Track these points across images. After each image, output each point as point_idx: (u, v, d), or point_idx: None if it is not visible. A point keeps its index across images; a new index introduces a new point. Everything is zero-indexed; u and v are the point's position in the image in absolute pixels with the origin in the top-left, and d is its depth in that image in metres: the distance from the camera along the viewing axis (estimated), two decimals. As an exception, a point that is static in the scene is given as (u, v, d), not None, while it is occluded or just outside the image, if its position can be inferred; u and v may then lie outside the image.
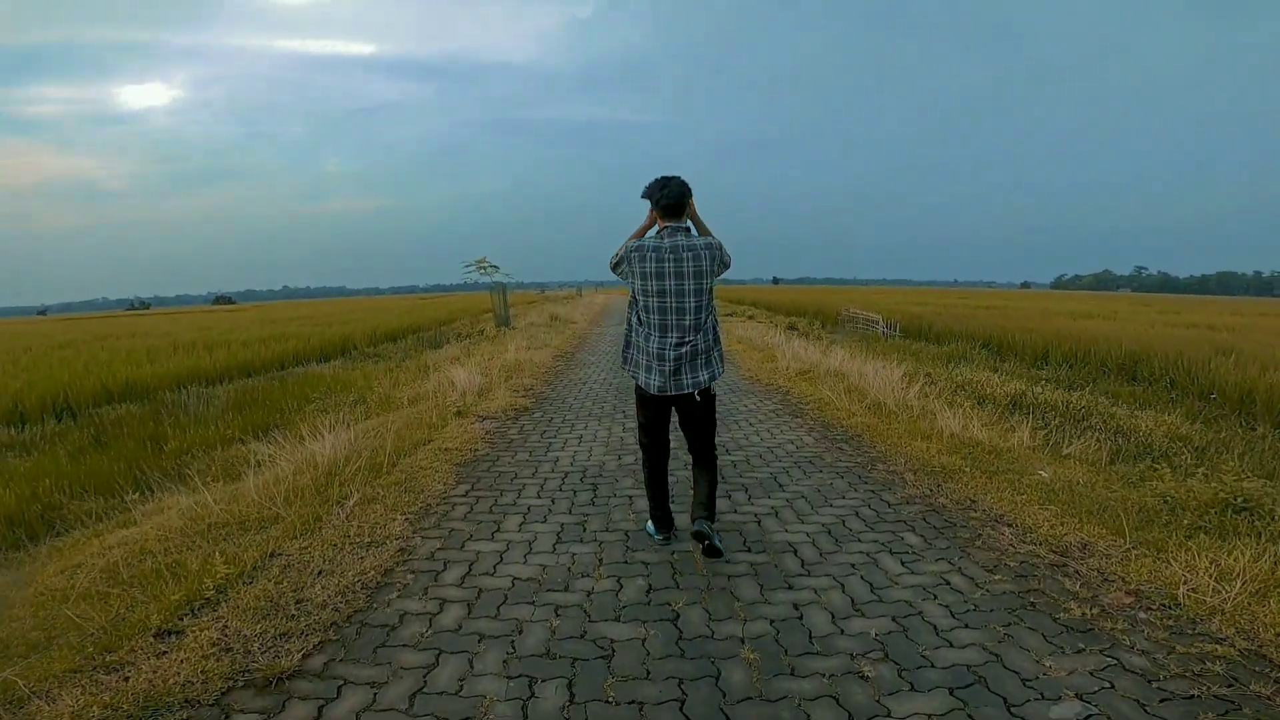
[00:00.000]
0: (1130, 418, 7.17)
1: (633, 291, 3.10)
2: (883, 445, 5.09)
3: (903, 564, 3.11)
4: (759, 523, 3.60)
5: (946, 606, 2.70)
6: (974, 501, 3.90)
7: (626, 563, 3.13)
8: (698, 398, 2.99)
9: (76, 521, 4.94)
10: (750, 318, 24.44)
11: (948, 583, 2.91)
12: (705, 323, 2.98)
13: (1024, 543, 3.30)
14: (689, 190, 2.99)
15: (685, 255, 2.90)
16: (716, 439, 3.26)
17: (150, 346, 15.03)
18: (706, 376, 2.97)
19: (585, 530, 3.50)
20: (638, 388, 3.13)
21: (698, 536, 2.99)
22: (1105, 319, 21.26)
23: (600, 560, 3.15)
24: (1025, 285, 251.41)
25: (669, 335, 2.94)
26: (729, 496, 3.98)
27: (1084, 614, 2.60)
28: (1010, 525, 3.52)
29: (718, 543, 2.99)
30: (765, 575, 3.00)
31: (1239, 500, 3.96)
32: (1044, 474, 4.54)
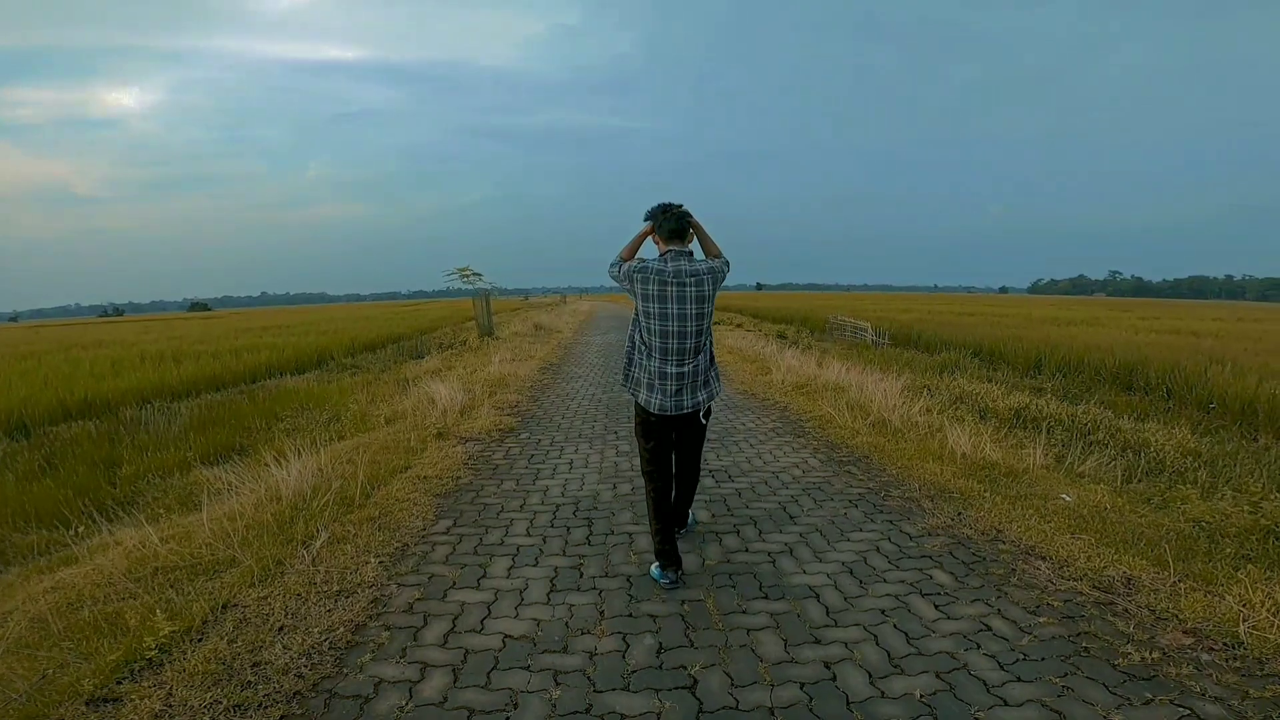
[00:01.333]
0: (1137, 432, 6.96)
1: (635, 311, 3.08)
2: (893, 468, 4.79)
3: (936, 607, 2.82)
4: (774, 563, 3.27)
5: (993, 657, 2.45)
6: (1000, 531, 3.64)
7: (632, 615, 2.77)
8: (703, 419, 3.10)
9: (18, 557, 4.47)
10: (738, 326, 24.24)
11: (989, 628, 2.64)
12: (704, 345, 3.01)
13: (1063, 578, 3.06)
14: (687, 218, 3.01)
15: (689, 280, 2.90)
16: (718, 463, 3.75)
17: (116, 358, 14.37)
18: (705, 396, 3.03)
19: (582, 575, 3.14)
20: (639, 408, 3.09)
21: (676, 520, 3.29)
22: (1089, 325, 21.34)
23: (602, 613, 2.79)
24: (1004, 290, 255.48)
25: (670, 357, 2.95)
26: (738, 532, 3.64)
27: (1144, 658, 2.40)
28: (1044, 559, 3.27)
29: (692, 523, 3.54)
30: (788, 627, 2.67)
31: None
32: (1067, 498, 4.30)
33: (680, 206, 3.01)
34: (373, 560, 3.27)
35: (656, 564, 3.07)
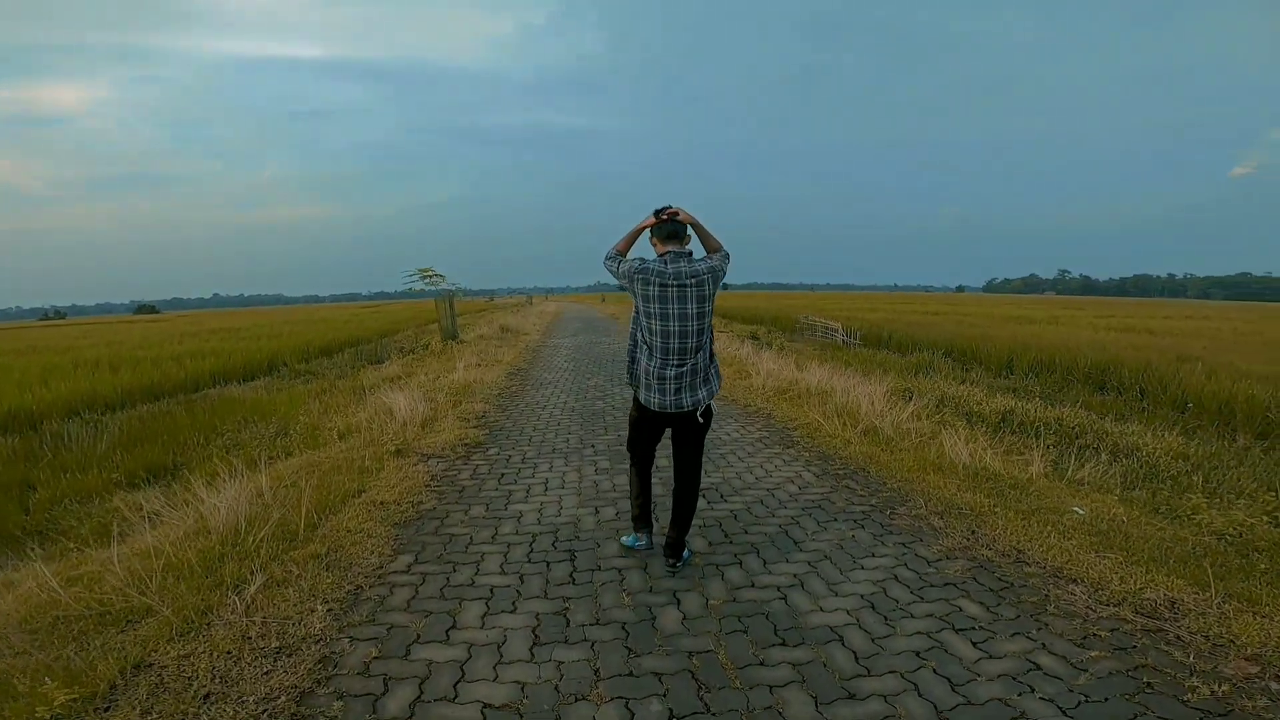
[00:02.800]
0: (1124, 435, 6.84)
1: (635, 310, 3.08)
2: (893, 481, 4.48)
3: (975, 645, 2.51)
4: (785, 599, 2.89)
5: (1051, 700, 2.18)
6: (1021, 552, 3.36)
7: (633, 674, 2.34)
8: (700, 419, 3.05)
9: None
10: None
11: (1038, 666, 2.37)
12: (704, 344, 3.00)
13: (1102, 603, 2.80)
14: (681, 224, 3.01)
15: (688, 281, 2.91)
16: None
17: (49, 364, 13.28)
18: (705, 394, 3.01)
19: (569, 624, 2.69)
20: (637, 402, 3.14)
21: (671, 550, 3.16)
22: (1050, 324, 21.77)
23: (597, 672, 2.35)
24: (960, 288, 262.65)
25: (670, 356, 2.96)
26: (740, 564, 3.24)
27: (1213, 692, 2.20)
28: (1076, 581, 3.02)
29: (687, 555, 3.24)
30: (816, 681, 2.29)
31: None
32: (1080, 511, 4.06)
33: (675, 213, 2.99)
34: (320, 608, 2.78)
35: (633, 532, 3.35)
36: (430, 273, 15.92)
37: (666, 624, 2.68)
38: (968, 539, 3.53)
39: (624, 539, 3.41)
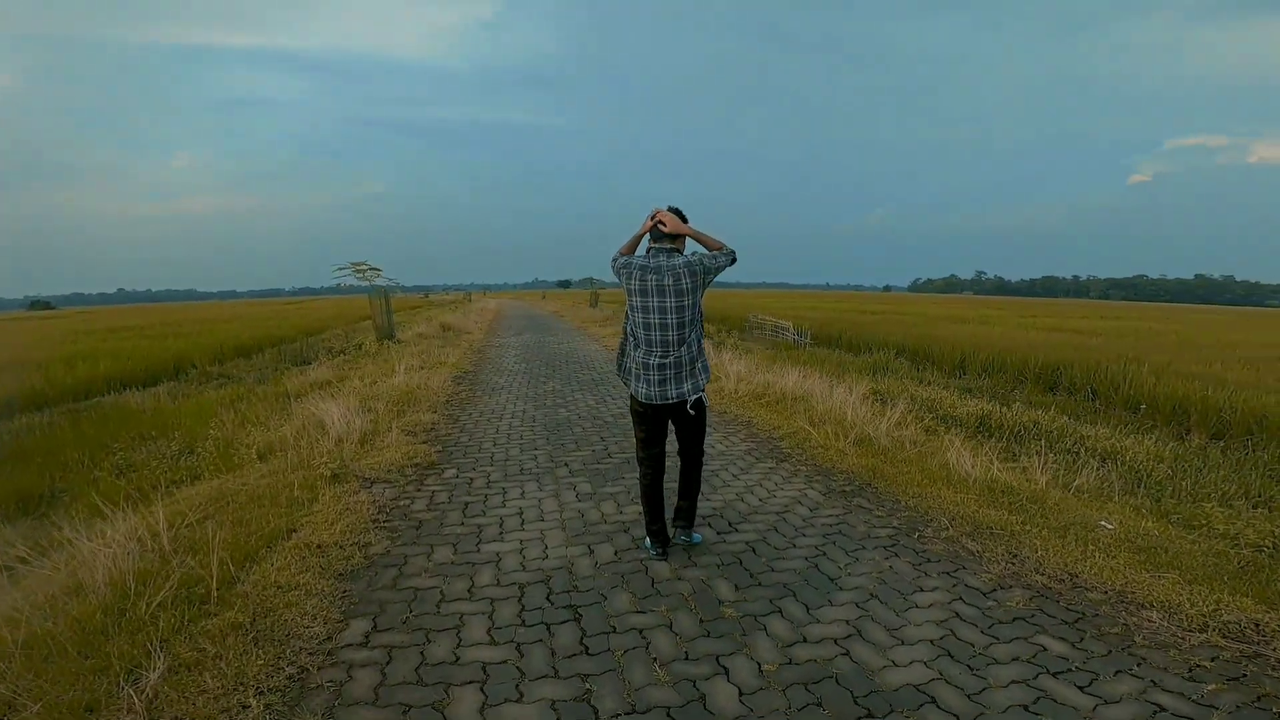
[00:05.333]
0: (1099, 439, 6.74)
1: (627, 305, 3.18)
2: (906, 498, 4.07)
3: (1082, 690, 2.20)
4: (848, 654, 2.39)
5: None
6: (1074, 576, 3.06)
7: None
8: (690, 410, 3.09)
9: None
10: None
11: (1163, 707, 2.10)
12: (689, 337, 3.06)
13: (1185, 629, 2.58)
14: (677, 217, 3.10)
15: (667, 276, 2.99)
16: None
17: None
18: (690, 388, 3.05)
19: (599, 713, 2.05)
20: (631, 396, 3.20)
21: (680, 515, 3.33)
22: (983, 324, 22.42)
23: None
24: (888, 288, 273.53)
25: (654, 349, 3.05)
26: (780, 612, 2.70)
27: None
28: (1147, 606, 2.77)
29: (698, 539, 3.38)
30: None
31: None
32: (1109, 525, 3.80)
33: (661, 223, 3.06)
34: (254, 702, 2.06)
35: (648, 538, 3.27)
36: (364, 267, 14.69)
37: (722, 703, 2.10)
38: (1012, 563, 3.18)
39: (645, 542, 3.35)
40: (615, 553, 3.25)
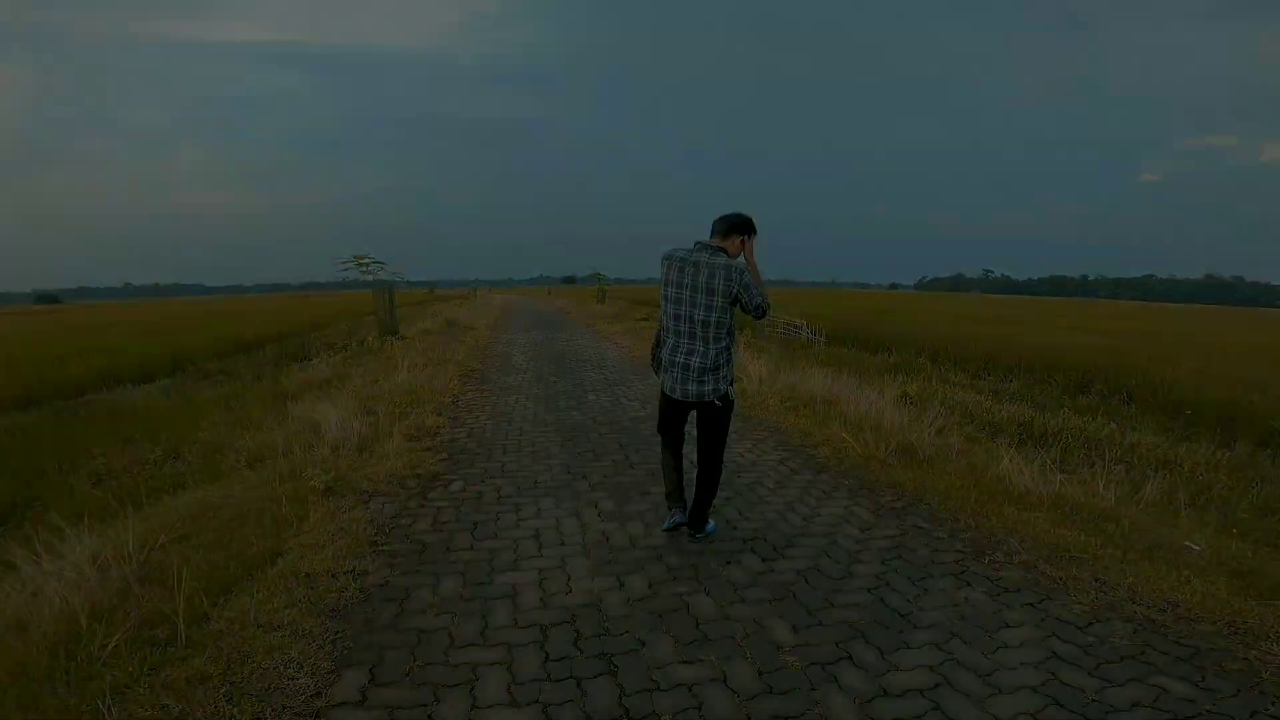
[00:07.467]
0: (1152, 448, 6.29)
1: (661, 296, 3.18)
2: (965, 516, 3.65)
3: None
4: (939, 708, 2.02)
5: None
6: (1175, 605, 2.67)
7: None
8: (718, 402, 3.07)
9: None
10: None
11: None
12: (715, 337, 3.01)
13: None
14: (741, 228, 3.12)
15: (703, 270, 2.96)
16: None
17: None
18: (710, 388, 3.03)
19: None
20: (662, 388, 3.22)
21: (692, 518, 3.30)
22: (996, 323, 21.87)
23: None
24: (894, 286, 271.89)
25: (681, 342, 3.06)
26: (850, 657, 2.28)
27: None
28: (1265, 639, 2.41)
29: (711, 527, 3.36)
30: None
31: None
32: (1195, 547, 3.38)
33: (742, 215, 3.14)
34: None
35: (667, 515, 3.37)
36: (367, 259, 14.26)
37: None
38: (1099, 592, 2.78)
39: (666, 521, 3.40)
40: (649, 585, 2.81)
